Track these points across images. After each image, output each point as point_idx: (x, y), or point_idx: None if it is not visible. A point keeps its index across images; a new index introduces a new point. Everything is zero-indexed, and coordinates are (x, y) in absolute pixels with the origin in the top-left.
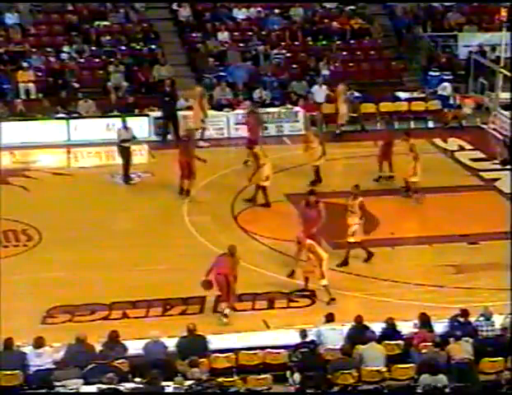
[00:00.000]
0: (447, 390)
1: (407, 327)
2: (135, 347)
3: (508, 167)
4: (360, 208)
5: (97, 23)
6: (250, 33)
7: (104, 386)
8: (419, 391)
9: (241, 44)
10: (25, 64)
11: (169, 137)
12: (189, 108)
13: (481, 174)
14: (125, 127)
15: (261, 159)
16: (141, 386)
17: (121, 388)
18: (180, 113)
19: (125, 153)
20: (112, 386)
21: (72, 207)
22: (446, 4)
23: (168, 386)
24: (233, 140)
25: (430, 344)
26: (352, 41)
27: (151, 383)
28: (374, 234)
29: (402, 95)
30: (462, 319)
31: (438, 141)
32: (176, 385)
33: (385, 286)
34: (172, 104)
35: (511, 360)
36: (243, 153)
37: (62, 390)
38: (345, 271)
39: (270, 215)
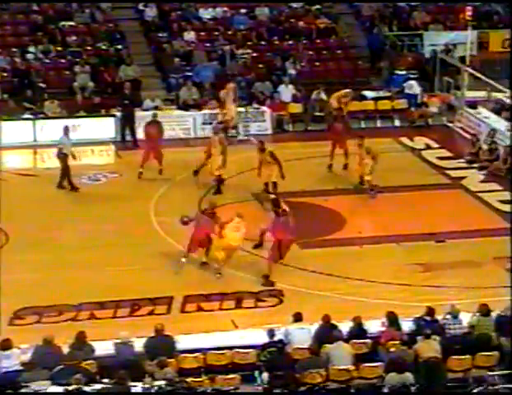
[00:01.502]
0: (413, 389)
1: (375, 326)
2: (103, 348)
3: (475, 165)
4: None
5: (63, 23)
6: (216, 33)
7: (71, 387)
8: (386, 390)
9: (207, 44)
10: None
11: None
12: (156, 108)
13: (447, 172)
14: (66, 135)
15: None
16: (109, 386)
17: (88, 389)
18: (147, 113)
19: (65, 160)
20: (79, 387)
21: (38, 208)
22: (412, 4)
23: (135, 386)
24: (200, 140)
25: (397, 342)
26: (318, 40)
27: (119, 383)
28: (341, 234)
29: (368, 94)
30: (428, 318)
31: (404, 139)
32: (146, 385)
33: (353, 285)
34: (131, 106)
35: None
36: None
37: (30, 391)
38: (317, 272)
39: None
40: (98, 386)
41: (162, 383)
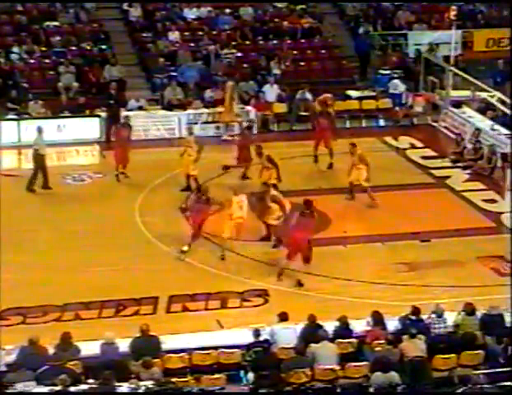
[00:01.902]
0: (399, 388)
1: (360, 326)
2: (88, 348)
3: (459, 164)
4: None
5: (47, 23)
6: (201, 33)
7: (56, 388)
8: (372, 389)
9: (192, 44)
10: None
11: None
12: (140, 108)
13: (432, 171)
14: (40, 136)
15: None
16: (95, 386)
17: (73, 390)
18: (131, 113)
19: (41, 160)
20: (65, 388)
21: (23, 209)
22: (396, 3)
23: (121, 386)
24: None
25: (383, 342)
26: (303, 40)
27: (104, 384)
28: (326, 233)
29: (353, 93)
30: (413, 317)
31: (389, 139)
32: (132, 385)
33: (338, 285)
34: (116, 107)
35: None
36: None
37: (15, 392)
38: (302, 271)
39: (221, 214)
40: (83, 386)
41: (149, 383)
